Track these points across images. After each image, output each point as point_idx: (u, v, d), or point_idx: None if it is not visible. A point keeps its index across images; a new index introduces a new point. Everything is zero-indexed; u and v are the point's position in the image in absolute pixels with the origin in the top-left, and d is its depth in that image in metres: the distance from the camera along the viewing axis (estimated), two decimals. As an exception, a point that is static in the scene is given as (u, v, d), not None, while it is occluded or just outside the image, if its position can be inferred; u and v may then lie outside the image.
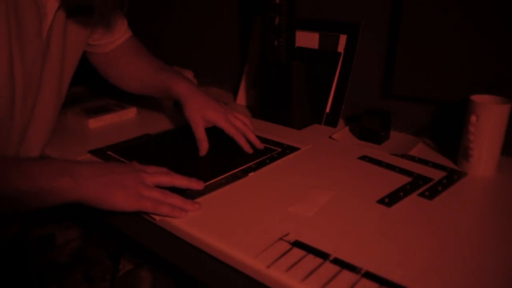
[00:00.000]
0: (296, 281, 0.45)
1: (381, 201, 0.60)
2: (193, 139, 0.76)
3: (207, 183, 0.65)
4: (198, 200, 0.61)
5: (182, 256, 0.58)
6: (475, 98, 0.67)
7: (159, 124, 0.93)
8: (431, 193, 0.62)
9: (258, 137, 0.78)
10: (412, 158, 0.74)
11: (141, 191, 0.58)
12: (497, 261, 0.48)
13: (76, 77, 0.80)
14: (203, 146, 0.75)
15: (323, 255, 0.48)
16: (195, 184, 0.63)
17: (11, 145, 0.69)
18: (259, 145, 0.77)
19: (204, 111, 0.77)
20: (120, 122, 0.96)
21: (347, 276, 0.45)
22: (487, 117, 0.65)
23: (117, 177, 0.58)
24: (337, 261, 0.47)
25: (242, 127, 0.77)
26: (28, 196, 0.54)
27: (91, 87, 1.18)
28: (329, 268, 0.46)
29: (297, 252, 0.49)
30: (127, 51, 0.90)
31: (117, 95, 1.07)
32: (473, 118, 0.65)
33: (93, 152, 0.77)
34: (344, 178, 0.67)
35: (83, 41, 0.79)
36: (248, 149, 0.76)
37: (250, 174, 0.68)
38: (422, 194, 0.62)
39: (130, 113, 0.99)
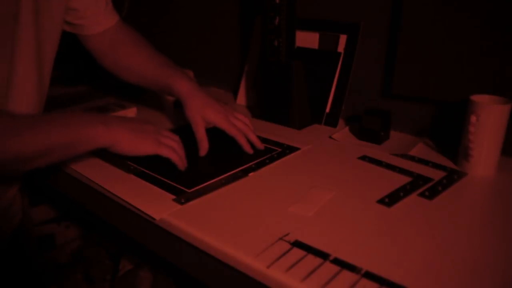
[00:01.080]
0: (296, 281, 0.45)
1: (381, 201, 0.60)
2: (193, 139, 0.76)
3: (207, 183, 0.65)
4: (198, 200, 0.61)
5: (182, 256, 0.58)
6: (475, 98, 0.67)
7: (159, 124, 0.93)
8: (431, 193, 0.62)
9: (258, 137, 0.78)
10: (412, 158, 0.74)
11: (160, 139, 0.70)
12: (496, 261, 0.48)
13: (76, 77, 0.79)
14: (204, 146, 0.75)
15: (323, 255, 0.48)
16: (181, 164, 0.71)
17: None
18: (260, 145, 0.77)
19: (204, 111, 0.77)
20: (120, 122, 0.95)
21: (347, 276, 0.45)
22: (487, 117, 0.65)
23: (140, 126, 0.70)
24: (337, 261, 0.47)
25: (243, 127, 0.77)
26: (65, 145, 0.61)
27: (91, 87, 1.18)
28: (329, 268, 0.46)
29: (297, 252, 0.49)
30: (123, 40, 0.86)
31: (117, 95, 1.07)
32: (473, 118, 0.65)
33: (93, 152, 0.77)
34: (344, 178, 0.67)
35: (59, 21, 0.73)
36: (248, 149, 0.76)
37: (250, 174, 0.68)
38: (422, 194, 0.62)
39: (130, 113, 0.99)
